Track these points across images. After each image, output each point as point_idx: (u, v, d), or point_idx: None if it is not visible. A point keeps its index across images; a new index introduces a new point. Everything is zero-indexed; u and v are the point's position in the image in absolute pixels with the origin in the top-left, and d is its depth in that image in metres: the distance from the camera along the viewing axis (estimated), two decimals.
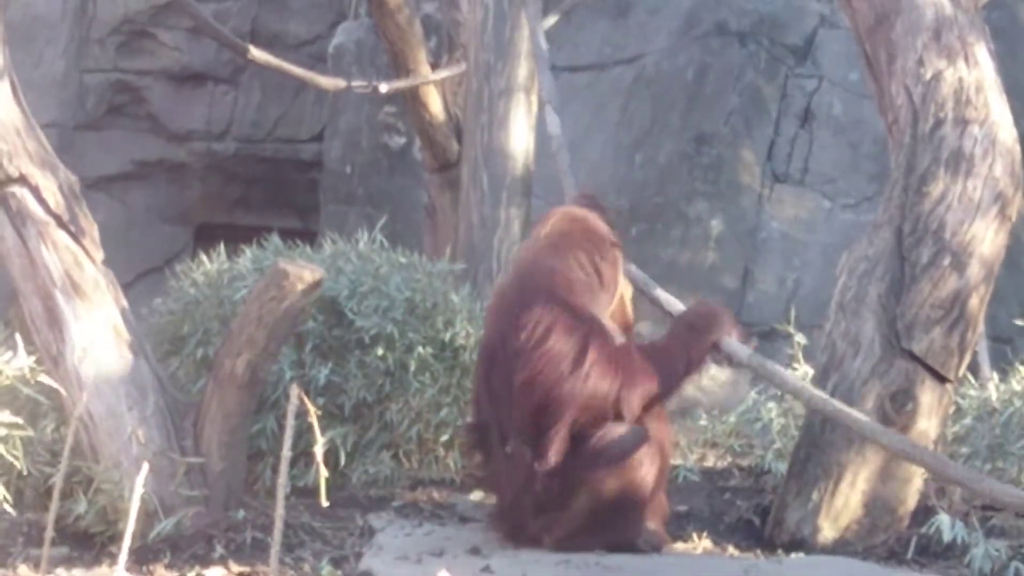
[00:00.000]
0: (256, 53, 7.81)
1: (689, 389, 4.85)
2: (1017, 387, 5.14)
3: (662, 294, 4.93)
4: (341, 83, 8.33)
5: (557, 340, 4.36)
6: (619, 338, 4.58)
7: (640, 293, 4.95)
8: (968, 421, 5.12)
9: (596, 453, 4.40)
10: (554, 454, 4.39)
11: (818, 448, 4.73)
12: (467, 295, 5.91)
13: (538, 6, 6.28)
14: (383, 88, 7.86)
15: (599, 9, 9.76)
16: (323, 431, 4.00)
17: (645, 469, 4.46)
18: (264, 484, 5.26)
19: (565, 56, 9.36)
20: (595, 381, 4.37)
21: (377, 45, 9.50)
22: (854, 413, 4.24)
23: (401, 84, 7.89)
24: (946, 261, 4.70)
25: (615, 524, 4.47)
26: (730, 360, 4.62)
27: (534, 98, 7.07)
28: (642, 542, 4.54)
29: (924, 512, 4.71)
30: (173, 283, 5.87)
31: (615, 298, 4.69)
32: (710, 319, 4.62)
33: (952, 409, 4.95)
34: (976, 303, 4.74)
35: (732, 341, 4.56)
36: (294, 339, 5.33)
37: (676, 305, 4.86)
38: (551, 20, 7.49)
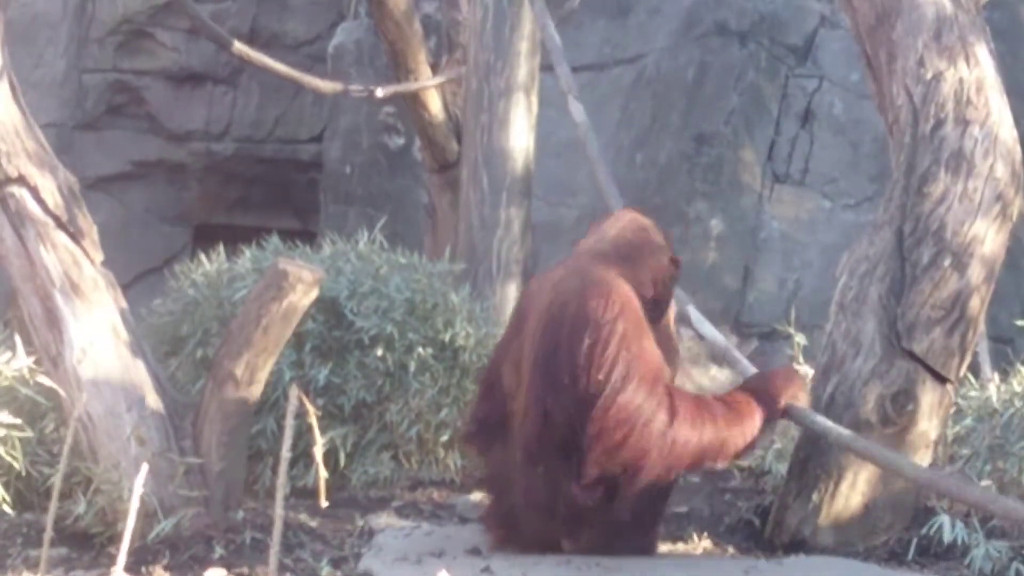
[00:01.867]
0: (253, 55, 7.80)
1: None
2: (1018, 388, 5.12)
3: (696, 314, 4.91)
4: (338, 86, 8.33)
5: (639, 384, 4.19)
6: (666, 367, 4.44)
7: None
8: (968, 422, 5.10)
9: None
10: (627, 507, 4.31)
11: (818, 449, 4.72)
12: (467, 295, 5.90)
13: (544, 2, 6.26)
14: (379, 93, 7.86)
15: (599, 9, 9.75)
16: (323, 432, 3.99)
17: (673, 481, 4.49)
18: (264, 485, 5.25)
19: (565, 55, 9.36)
20: (684, 439, 4.23)
21: (377, 45, 9.50)
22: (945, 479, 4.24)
23: (397, 88, 7.89)
24: (947, 262, 4.69)
25: (638, 532, 4.45)
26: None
27: (534, 98, 7.06)
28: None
29: (925, 513, 4.70)
30: (172, 283, 5.86)
31: (660, 318, 4.55)
32: (783, 384, 4.51)
33: (953, 410, 4.94)
34: (977, 303, 4.73)
35: (800, 407, 4.49)
36: (294, 339, 5.31)
37: (716, 335, 4.84)
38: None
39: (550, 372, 4.28)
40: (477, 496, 5.27)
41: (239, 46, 7.77)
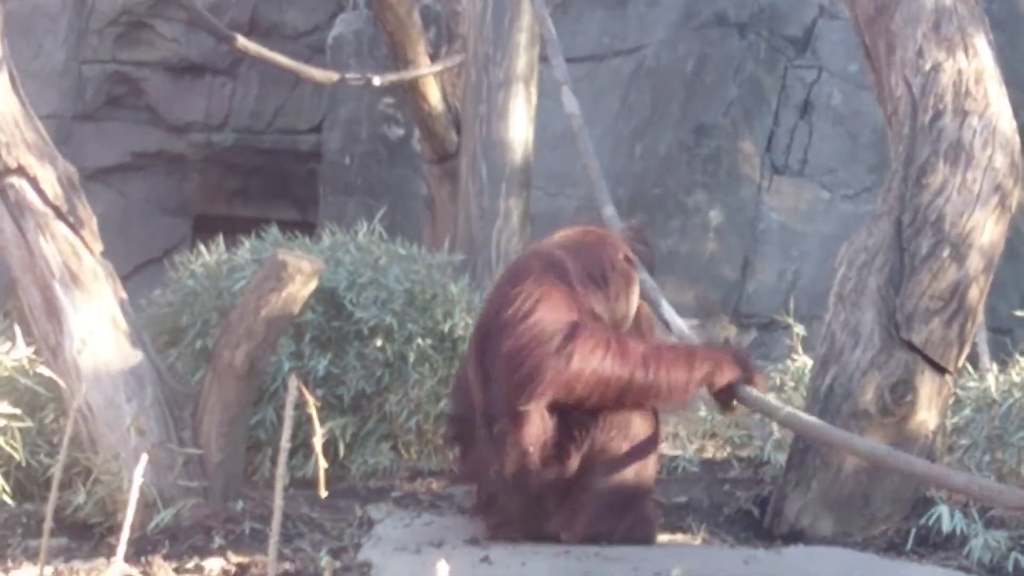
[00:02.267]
0: (248, 46, 7.80)
1: None
2: (1016, 378, 5.13)
3: (669, 312, 4.90)
4: (334, 76, 8.33)
5: (545, 314, 4.29)
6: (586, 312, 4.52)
7: (652, 310, 4.90)
8: (967, 412, 5.11)
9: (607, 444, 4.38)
10: (533, 432, 4.31)
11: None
12: (466, 286, 5.90)
13: None
14: (376, 81, 7.86)
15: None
16: (322, 422, 3.98)
17: (654, 454, 4.49)
18: (263, 475, 5.26)
19: (564, 46, 9.28)
20: (580, 360, 4.26)
21: (376, 36, 9.50)
22: (912, 458, 4.23)
23: (394, 77, 7.88)
24: (945, 252, 4.69)
25: (631, 509, 4.46)
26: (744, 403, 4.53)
27: (533, 89, 7.06)
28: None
29: (923, 503, 4.71)
30: (172, 274, 5.86)
31: (624, 316, 4.60)
32: (743, 362, 4.49)
33: (951, 400, 4.95)
34: (975, 294, 4.74)
35: (753, 391, 4.46)
36: (293, 330, 5.32)
37: (682, 327, 4.84)
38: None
39: (485, 331, 4.45)
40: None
41: (241, 40, 7.77)
